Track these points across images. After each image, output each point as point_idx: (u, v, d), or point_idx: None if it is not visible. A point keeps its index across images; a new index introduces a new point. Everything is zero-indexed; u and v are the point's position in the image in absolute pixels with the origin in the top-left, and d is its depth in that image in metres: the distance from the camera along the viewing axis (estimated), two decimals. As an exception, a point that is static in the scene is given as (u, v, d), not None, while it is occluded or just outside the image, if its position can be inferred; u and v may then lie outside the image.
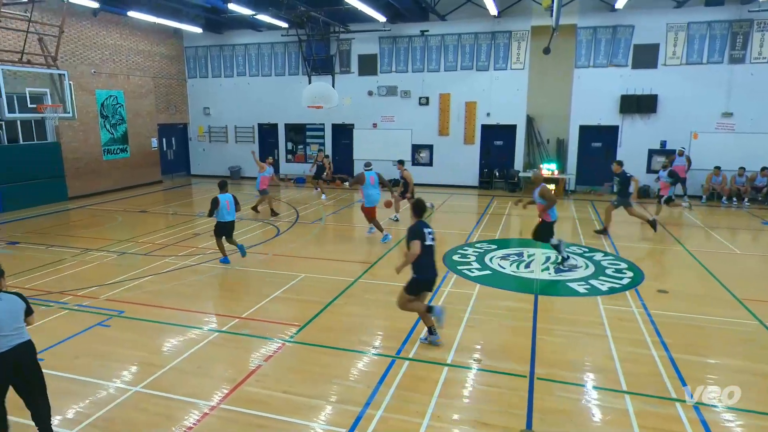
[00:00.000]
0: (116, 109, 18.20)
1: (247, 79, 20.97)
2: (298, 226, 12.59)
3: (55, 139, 16.05)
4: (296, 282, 8.31)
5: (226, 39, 20.90)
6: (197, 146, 22.33)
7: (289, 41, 19.76)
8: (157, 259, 9.67)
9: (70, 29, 15.61)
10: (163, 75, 20.48)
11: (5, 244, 10.87)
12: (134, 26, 18.71)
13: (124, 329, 6.58)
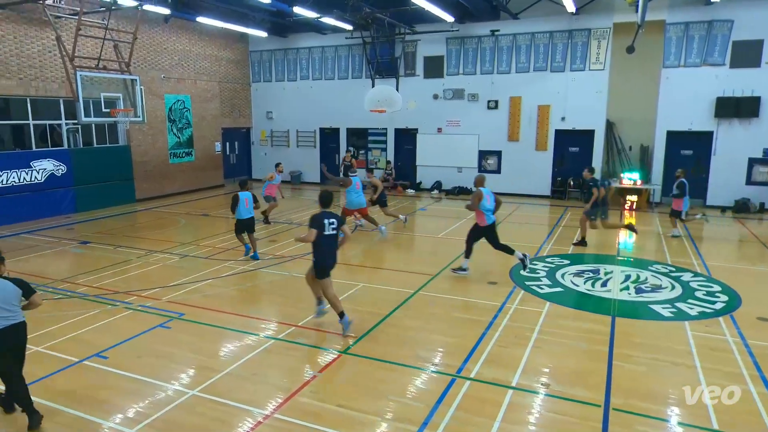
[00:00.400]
0: (183, 114, 19.30)
1: (310, 83, 21.58)
2: (357, 233, 12.74)
3: (125, 142, 17.25)
4: (354, 291, 8.39)
5: (290, 43, 21.64)
6: (259, 150, 23.21)
7: (353, 44, 20.15)
8: (217, 262, 10.10)
9: (142, 36, 16.75)
10: (228, 79, 21.51)
11: (78, 243, 11.76)
12: (202, 31, 19.79)
13: (183, 331, 6.92)
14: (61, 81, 14.64)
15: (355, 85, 20.41)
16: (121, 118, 13.71)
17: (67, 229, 13.20)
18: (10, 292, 4.78)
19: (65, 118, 15.35)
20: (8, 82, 13.67)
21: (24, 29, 13.94)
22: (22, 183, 13.98)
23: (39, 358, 6.11)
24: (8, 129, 14.97)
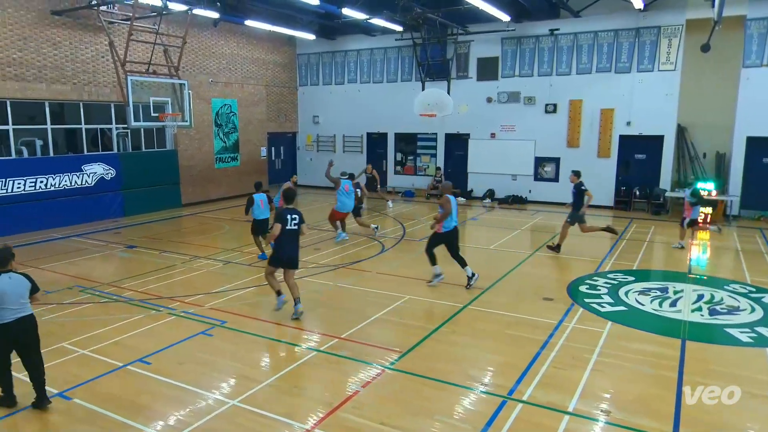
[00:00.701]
0: (229, 118, 19.93)
1: (357, 86, 21.83)
2: (404, 242, 12.74)
3: (173, 146, 17.97)
4: (400, 304, 8.38)
5: (338, 45, 22.00)
6: (305, 155, 23.64)
7: (403, 45, 20.27)
8: (260, 270, 10.31)
9: (191, 40, 17.45)
10: (275, 83, 22.07)
11: (124, 248, 12.31)
12: (250, 35, 20.42)
13: (225, 339, 7.09)
14: (112, 86, 15.43)
15: (405, 88, 20.49)
16: (169, 122, 14.30)
17: (115, 233, 13.84)
18: (22, 287, 5.30)
19: (115, 123, 16.16)
20: (63, 87, 14.53)
21: (79, 35, 14.81)
22: (73, 186, 14.79)
23: (85, 360, 6.41)
24: (62, 133, 15.89)
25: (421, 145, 21.14)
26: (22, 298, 5.29)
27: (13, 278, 5.28)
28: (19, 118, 13.92)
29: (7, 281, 5.23)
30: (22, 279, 5.34)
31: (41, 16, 13.88)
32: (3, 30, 13.14)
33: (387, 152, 21.73)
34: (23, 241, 12.78)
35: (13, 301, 5.21)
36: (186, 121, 14.62)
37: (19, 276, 5.35)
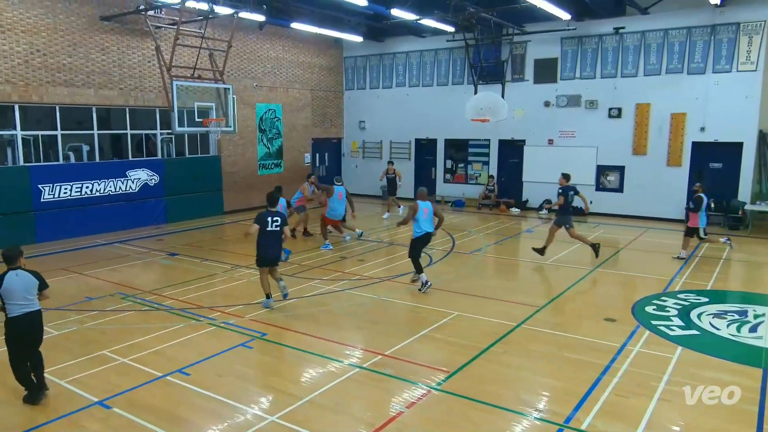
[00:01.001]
0: (273, 123, 20.40)
1: (406, 89, 21.94)
2: (453, 255, 12.66)
3: (216, 152, 18.53)
4: (448, 320, 8.32)
5: (386, 47, 22.21)
6: (350, 162, 23.88)
7: (455, 47, 20.26)
8: (301, 281, 10.47)
9: (236, 44, 18.01)
10: (320, 87, 22.45)
11: (166, 255, 12.75)
12: (296, 38, 20.89)
13: (265, 352, 7.22)
14: (158, 91, 16.08)
15: (456, 92, 20.45)
16: (213, 127, 14.77)
17: (157, 240, 14.36)
18: (31, 283, 5.84)
19: (160, 128, 16.82)
20: (110, 92, 15.26)
21: (127, 40, 15.54)
22: (117, 192, 15.45)
23: (125, 369, 6.66)
24: (108, 138, 16.66)
25: (472, 152, 21.00)
26: (30, 294, 5.80)
27: (20, 275, 5.81)
28: (67, 123, 14.69)
29: (15, 278, 5.76)
30: (30, 276, 5.86)
31: (91, 22, 14.64)
32: (54, 36, 13.93)
33: (436, 159, 21.69)
34: (68, 246, 13.43)
35: (21, 296, 5.73)
36: (230, 127, 15.05)
37: (27, 273, 5.87)
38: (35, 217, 13.74)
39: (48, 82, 13.86)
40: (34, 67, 13.59)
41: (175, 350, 7.24)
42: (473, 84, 19.02)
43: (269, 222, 8.70)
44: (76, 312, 8.71)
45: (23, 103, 13.56)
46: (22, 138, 13.72)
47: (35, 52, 13.59)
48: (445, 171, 21.66)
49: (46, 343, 7.41)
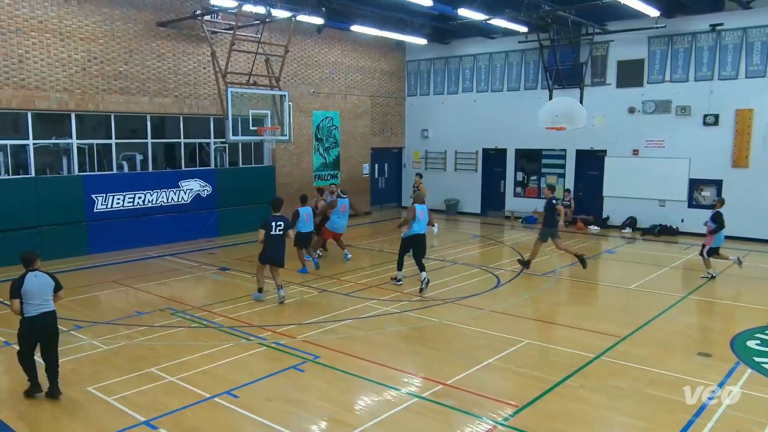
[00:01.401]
0: (331, 132, 20.78)
1: (473, 95, 21.87)
2: (523, 277, 12.46)
3: (270, 162, 19.03)
4: (517, 349, 8.17)
5: (452, 50, 22.25)
6: (411, 174, 23.92)
7: (528, 48, 20.07)
8: (357, 300, 10.55)
9: (293, 48, 18.52)
10: (381, 93, 22.72)
11: (217, 270, 13.16)
12: (356, 41, 21.27)
13: (317, 376, 7.30)
14: (212, 98, 16.75)
15: (528, 98, 20.22)
16: (268, 136, 15.19)
17: (209, 254, 14.85)
18: (48, 285, 6.54)
19: (214, 137, 17.47)
20: (164, 100, 16.01)
21: (182, 46, 16.29)
22: (169, 203, 16.12)
23: (173, 388, 6.89)
24: (161, 147, 17.45)
25: (546, 164, 20.65)
26: (46, 296, 6.50)
27: (38, 276, 6.52)
28: (121, 132, 15.51)
29: (33, 279, 6.46)
30: (47, 278, 6.56)
31: (147, 28, 15.45)
32: (111, 43, 14.78)
33: (506, 171, 21.45)
34: (119, 258, 14.10)
35: (37, 297, 6.43)
36: (285, 135, 15.44)
37: (44, 275, 6.57)
38: (88, 228, 14.51)
39: (104, 90, 14.69)
40: (91, 74, 14.44)
41: (224, 370, 7.43)
42: (548, 89, 18.77)
43: (273, 226, 10.19)
44: (126, 326, 9.10)
45: (80, 111, 14.42)
46: (78, 147, 14.57)
47: (92, 60, 14.45)
48: (515, 184, 21.38)
49: (94, 358, 7.82)
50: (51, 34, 13.67)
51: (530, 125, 18.70)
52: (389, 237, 17.64)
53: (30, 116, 13.64)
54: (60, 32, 13.83)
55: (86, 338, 8.56)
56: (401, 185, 24.31)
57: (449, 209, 22.33)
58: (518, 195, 21.34)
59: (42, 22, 13.51)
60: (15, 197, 13.13)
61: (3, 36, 12.93)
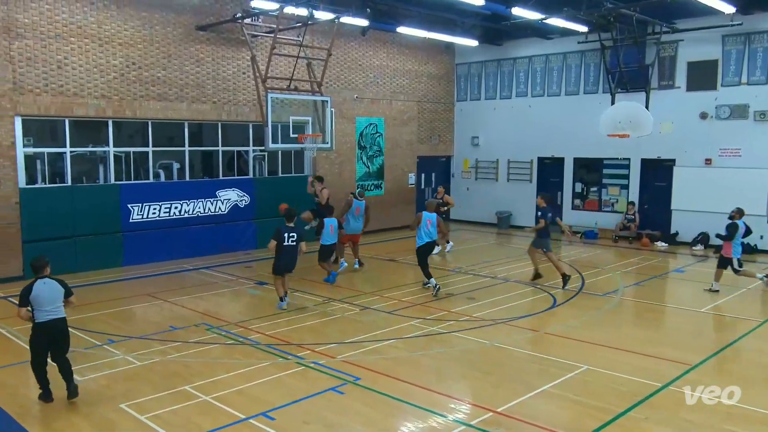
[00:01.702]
0: (375, 139, 20.89)
1: (528, 100, 21.70)
2: (582, 297, 12.25)
3: (311, 171, 19.23)
4: (575, 375, 8.01)
5: (505, 52, 22.15)
6: (460, 184, 23.87)
7: (588, 49, 19.82)
8: (402, 319, 10.52)
9: (336, 52, 18.75)
10: (428, 98, 22.75)
11: (254, 284, 13.34)
12: (402, 44, 21.39)
13: (358, 399, 7.29)
14: (252, 104, 17.08)
15: (588, 102, 19.94)
16: (309, 144, 15.37)
17: (246, 267, 15.08)
18: (58, 291, 7.04)
19: (252, 145, 17.79)
20: (203, 107, 16.42)
21: (222, 51, 16.70)
22: (206, 214, 16.47)
23: (207, 408, 7.00)
24: (199, 155, 17.86)
25: (608, 174, 20.29)
26: (56, 302, 7.00)
27: (47, 283, 7.00)
28: (158, 139, 15.95)
29: (42, 286, 6.94)
30: (56, 285, 7.06)
31: (187, 32, 15.91)
32: (150, 48, 15.26)
33: (563, 182, 21.15)
34: (154, 271, 14.46)
35: (47, 304, 6.92)
36: (327, 143, 15.59)
37: (54, 282, 7.06)
38: (123, 239, 14.94)
39: (142, 96, 15.16)
40: (129, 80, 14.94)
41: (260, 390, 7.50)
42: (610, 93, 18.45)
43: (286, 237, 10.93)
44: (160, 342, 9.30)
45: (117, 118, 14.91)
46: (114, 155, 15.06)
47: (131, 65, 14.95)
48: (573, 196, 21.05)
49: (127, 374, 8.02)
50: (90, 39, 14.22)
51: (590, 132, 18.41)
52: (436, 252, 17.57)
53: (67, 123, 14.19)
54: (99, 37, 14.36)
55: (119, 353, 8.79)
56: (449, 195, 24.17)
57: (501, 222, 22.12)
58: (577, 207, 20.99)
59: (81, 27, 14.07)
60: (51, 206, 13.63)
61: (43, 42, 13.51)
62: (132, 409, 6.89)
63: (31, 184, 13.86)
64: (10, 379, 7.82)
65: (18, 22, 13.14)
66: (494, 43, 21.93)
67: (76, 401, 6.99)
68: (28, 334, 8.32)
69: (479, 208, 22.93)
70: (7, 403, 7.09)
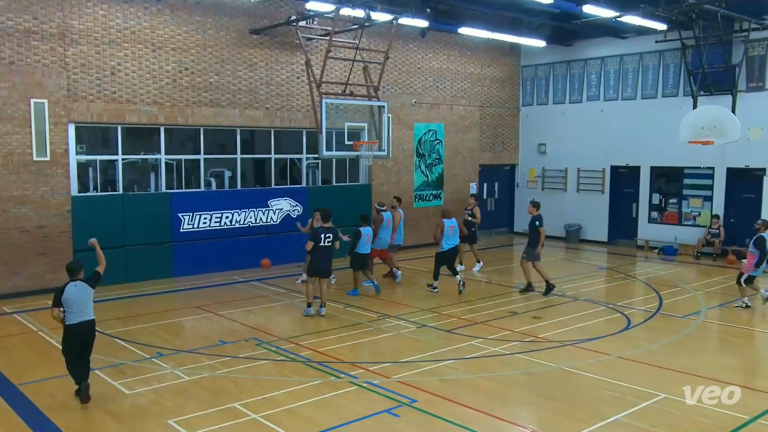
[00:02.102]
0: (434, 146, 20.90)
1: (600, 104, 21.34)
2: (659, 318, 11.96)
3: (366, 180, 19.39)
4: (651, 404, 7.80)
5: (575, 52, 21.86)
6: (525, 195, 23.58)
7: (667, 49, 19.37)
8: (460, 339, 10.45)
9: (394, 55, 18.89)
10: (491, 103, 22.63)
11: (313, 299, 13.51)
12: (464, 45, 21.37)
13: (414, 423, 7.26)
14: (305, 110, 17.36)
15: (668, 106, 19.47)
16: (364, 151, 15.49)
17: (297, 281, 15.25)
18: (88, 294, 7.72)
19: (306, 152, 18.06)
20: (255, 113, 16.79)
21: (275, 55, 17.07)
22: (258, 224, 16.80)
23: (256, 427, 7.11)
24: (251, 163, 18.25)
25: (689, 184, 19.74)
26: (85, 305, 7.68)
27: (78, 286, 7.68)
28: (210, 146, 16.41)
29: (72, 289, 7.62)
30: (86, 287, 7.72)
31: (240, 37, 16.33)
32: (203, 53, 15.74)
33: (639, 193, 20.67)
34: (204, 282, 14.82)
35: (77, 306, 7.61)
36: (383, 150, 15.69)
37: (84, 285, 7.72)
38: (173, 249, 15.39)
39: (194, 102, 15.63)
40: (181, 86, 15.43)
41: (311, 410, 7.57)
42: (692, 96, 18.01)
43: (322, 238, 11.50)
44: (209, 357, 9.51)
45: (169, 125, 15.42)
46: (166, 162, 15.55)
47: (183, 71, 15.45)
48: (650, 208, 20.54)
49: (176, 389, 8.24)
50: (143, 44, 14.78)
51: (669, 139, 17.96)
52: (499, 266, 17.44)
53: (120, 130, 14.75)
54: (152, 43, 14.90)
55: (168, 367, 9.03)
56: (513, 207, 23.97)
57: (570, 236, 21.74)
58: (654, 221, 20.46)
59: (135, 33, 14.64)
60: (102, 215, 14.13)
61: (97, 48, 14.12)
62: (180, 425, 7.06)
63: (82, 192, 14.47)
64: (60, 392, 8.13)
65: (73, 28, 13.78)
66: (563, 43, 21.68)
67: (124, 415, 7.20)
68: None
69: (546, 220, 22.36)
70: (57, 417, 7.37)
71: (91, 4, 13.99)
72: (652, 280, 15.52)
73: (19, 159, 13.20)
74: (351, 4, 14.46)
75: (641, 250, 19.90)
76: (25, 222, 13.34)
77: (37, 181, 13.42)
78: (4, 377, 8.66)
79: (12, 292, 13.14)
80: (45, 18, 13.41)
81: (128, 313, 12.00)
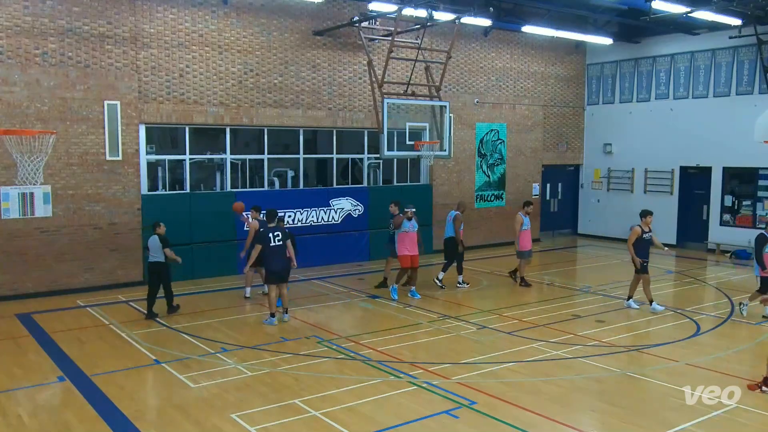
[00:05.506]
0: (496, 146, 20.70)
1: (669, 102, 20.75)
2: (731, 325, 11.58)
3: (427, 180, 19.36)
4: (721, 413, 7.53)
5: (643, 50, 21.31)
6: (590, 196, 23.15)
7: (741, 45, 18.69)
8: (522, 341, 10.33)
9: (456, 54, 18.81)
10: (555, 102, 22.27)
11: (366, 297, 13.59)
12: (527, 44, 21.10)
13: (473, 425, 7.23)
14: (367, 111, 17.48)
15: (741, 105, 18.81)
16: (426, 151, 15.49)
17: (358, 279, 15.40)
18: (156, 243, 11.40)
19: (367, 152, 18.18)
20: (318, 113, 17.00)
21: (338, 55, 17.24)
22: (319, 223, 17.01)
23: (316, 424, 7.20)
24: (313, 163, 18.49)
25: (764, 186, 19.00)
26: (155, 251, 11.40)
27: (153, 239, 11.49)
28: (273, 146, 16.71)
29: (151, 238, 11.57)
30: (156, 238, 11.41)
31: (303, 38, 16.57)
32: (268, 54, 16.04)
33: (710, 194, 19.99)
34: (267, 280, 15.09)
35: (152, 251, 11.49)
36: (444, 150, 15.66)
37: (155, 237, 11.40)
38: (238, 247, 15.69)
39: (258, 103, 15.95)
40: (246, 87, 15.77)
41: (370, 409, 7.62)
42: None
43: (271, 238, 11.08)
44: (271, 353, 9.69)
45: (234, 125, 15.79)
46: (231, 162, 15.93)
47: (248, 72, 15.78)
48: (722, 210, 19.84)
49: (238, 384, 8.45)
50: (210, 47, 15.17)
51: (743, 138, 17.29)
52: (562, 269, 17.16)
53: (187, 131, 15.19)
54: (219, 45, 15.28)
55: (231, 362, 9.24)
56: (577, 209, 23.53)
57: (636, 238, 21.18)
58: (726, 223, 19.74)
59: (202, 36, 15.05)
60: (170, 213, 14.49)
61: (166, 51, 14.58)
62: (242, 419, 7.22)
63: (152, 191, 14.98)
64: (129, 383, 8.45)
65: (144, 32, 14.28)
66: (631, 40, 21.16)
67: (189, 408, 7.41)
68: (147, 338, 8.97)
69: (611, 222, 22.11)
70: (125, 406, 7.65)
71: (162, 9, 14.47)
72: (723, 285, 14.99)
73: (93, 159, 13.75)
74: (413, 4, 14.48)
75: (712, 254, 19.24)
76: (98, 219, 13.89)
77: (110, 179, 13.96)
78: (77, 368, 9.04)
79: (85, 286, 13.73)
80: (118, 23, 13.94)
81: (194, 309, 12.34)
